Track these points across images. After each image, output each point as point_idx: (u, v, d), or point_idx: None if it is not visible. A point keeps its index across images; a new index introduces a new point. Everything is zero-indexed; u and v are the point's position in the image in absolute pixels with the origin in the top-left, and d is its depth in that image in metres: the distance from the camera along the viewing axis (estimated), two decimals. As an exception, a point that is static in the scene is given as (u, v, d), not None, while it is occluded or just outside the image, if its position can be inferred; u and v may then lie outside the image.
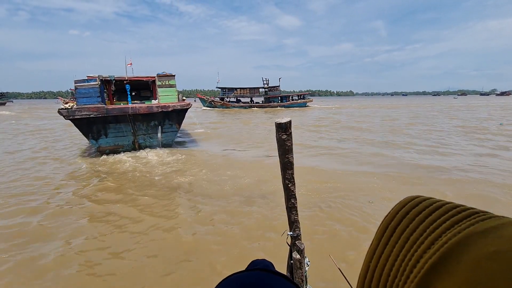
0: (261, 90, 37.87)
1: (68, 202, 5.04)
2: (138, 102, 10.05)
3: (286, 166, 1.44)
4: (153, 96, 10.27)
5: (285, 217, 1.57)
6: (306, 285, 1.61)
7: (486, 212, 0.21)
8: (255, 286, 0.39)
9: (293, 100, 38.93)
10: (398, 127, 14.99)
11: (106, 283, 2.88)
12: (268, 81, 37.70)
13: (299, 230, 1.62)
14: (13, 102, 69.33)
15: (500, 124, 15.36)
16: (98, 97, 8.35)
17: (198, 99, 43.21)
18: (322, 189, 5.38)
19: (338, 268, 1.27)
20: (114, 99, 12.31)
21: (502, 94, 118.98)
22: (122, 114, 8.49)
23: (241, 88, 38.07)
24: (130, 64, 15.32)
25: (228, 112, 31.10)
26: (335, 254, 3.08)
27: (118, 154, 8.92)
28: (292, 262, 1.65)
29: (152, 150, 9.33)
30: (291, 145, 1.39)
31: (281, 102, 37.68)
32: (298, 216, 1.61)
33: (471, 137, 11.28)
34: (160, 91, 9.43)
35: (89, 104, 8.15)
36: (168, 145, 9.86)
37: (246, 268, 0.49)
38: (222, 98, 37.51)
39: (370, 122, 18.26)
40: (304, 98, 40.01)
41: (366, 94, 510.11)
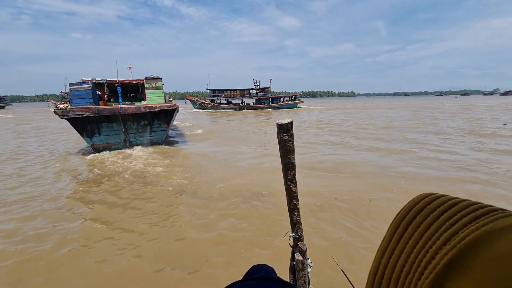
0: (252, 91, 38.08)
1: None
2: (128, 103, 10.61)
3: (288, 167, 1.44)
4: (144, 98, 10.97)
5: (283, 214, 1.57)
6: (309, 286, 1.60)
7: (505, 209, 0.21)
8: None
9: (284, 101, 39.12)
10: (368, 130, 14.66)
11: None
12: (259, 82, 37.97)
13: (301, 232, 1.62)
14: (12, 105, 69.93)
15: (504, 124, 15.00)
16: (90, 98, 8.97)
17: (188, 101, 43.29)
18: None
19: (341, 269, 1.26)
20: (111, 100, 12.73)
21: (506, 93, 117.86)
22: (113, 114, 9.02)
23: (231, 89, 38.37)
24: (130, 67, 15.55)
25: (218, 113, 31.30)
26: (338, 256, 3.06)
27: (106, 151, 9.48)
28: (294, 263, 1.64)
29: (142, 148, 9.87)
30: (293, 146, 1.39)
31: (271, 103, 37.83)
32: (300, 217, 1.61)
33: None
34: (148, 93, 10.09)
35: (81, 105, 8.76)
36: (158, 143, 10.35)
37: (246, 274, 0.47)
38: (212, 100, 37.65)
39: (344, 123, 18.48)
40: (295, 100, 40.21)
41: (368, 95, 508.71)
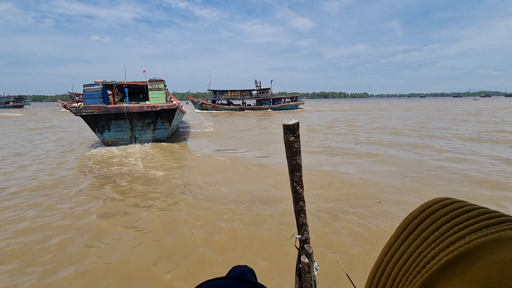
0: (253, 92, 38.09)
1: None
2: (134, 102, 11.54)
3: (294, 168, 1.43)
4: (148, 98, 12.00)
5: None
6: (314, 290, 1.58)
7: None
8: None
9: (285, 102, 38.88)
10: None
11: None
12: (260, 83, 37.99)
13: (308, 234, 1.60)
14: (30, 104, 72.95)
15: None
16: (100, 98, 10.04)
17: (190, 102, 43.75)
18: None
19: (346, 274, 1.24)
20: (123, 100, 13.92)
21: None
22: (120, 112, 9.94)
23: (231, 90, 38.56)
24: (144, 71, 16.37)
25: (218, 114, 31.48)
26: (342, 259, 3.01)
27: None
28: (300, 265, 1.63)
29: (144, 144, 10.79)
30: (299, 147, 1.38)
31: (272, 104, 37.75)
32: (306, 219, 1.59)
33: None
34: (150, 94, 11.10)
35: (92, 104, 9.81)
36: (161, 140, 11.16)
37: (226, 274, 0.50)
38: (213, 101, 37.86)
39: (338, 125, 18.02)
40: (296, 101, 39.85)
41: (382, 96, 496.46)
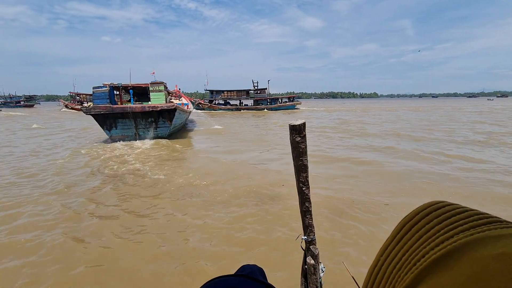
0: (250, 92, 38.23)
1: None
2: (138, 103, 12.66)
3: (300, 169, 1.42)
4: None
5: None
6: (320, 291, 1.57)
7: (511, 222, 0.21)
8: None
9: (282, 102, 38.81)
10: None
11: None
12: (257, 83, 38.09)
13: (314, 235, 1.59)
14: (40, 104, 73.78)
15: None
16: (107, 99, 11.29)
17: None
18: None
19: (352, 276, 1.23)
20: (134, 100, 15.14)
21: None
22: (124, 112, 10.98)
23: (228, 90, 38.86)
24: (153, 73, 17.13)
25: (214, 113, 31.62)
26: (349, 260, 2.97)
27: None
28: (306, 267, 1.62)
29: (147, 140, 11.68)
30: (305, 147, 1.37)
31: (269, 104, 37.77)
32: (312, 220, 1.57)
33: None
34: (152, 95, 12.29)
35: (100, 104, 10.97)
36: (162, 137, 12.09)
37: (235, 272, 0.50)
38: (210, 101, 38.05)
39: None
40: (293, 101, 39.74)
41: (392, 96, 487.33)
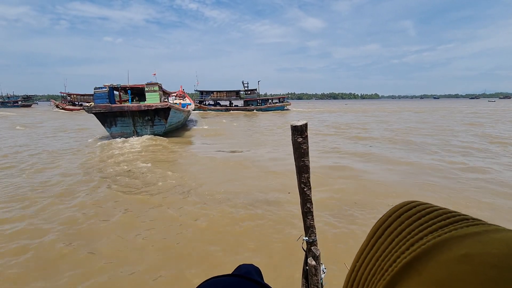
0: (241, 93, 38.56)
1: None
2: (135, 102, 13.58)
3: (302, 169, 1.42)
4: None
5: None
6: (321, 292, 1.56)
7: (479, 220, 0.21)
8: None
9: (272, 103, 39.02)
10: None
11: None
12: (248, 84, 38.31)
13: (315, 236, 1.59)
14: (38, 104, 73.04)
15: None
16: (106, 98, 12.37)
17: None
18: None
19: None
20: (135, 99, 16.16)
21: None
22: (122, 111, 11.73)
23: (217, 91, 39.09)
24: (155, 74, 17.92)
25: (205, 114, 31.74)
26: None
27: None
28: (307, 268, 1.61)
29: (144, 137, 12.40)
30: (307, 148, 1.37)
31: (259, 105, 38.04)
32: (314, 221, 1.57)
33: None
34: (147, 95, 13.23)
35: (100, 103, 11.87)
36: (158, 134, 12.86)
37: (232, 272, 0.50)
38: (200, 101, 38.20)
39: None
40: (283, 102, 39.92)
41: (393, 97, 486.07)
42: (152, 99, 13.06)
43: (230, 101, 39.16)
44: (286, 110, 39.16)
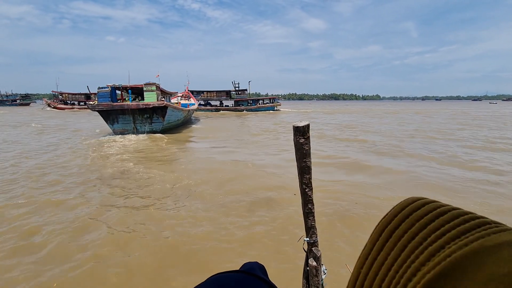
0: (232, 93, 38.63)
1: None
2: (135, 101, 14.74)
3: (304, 170, 1.42)
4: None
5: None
6: (322, 293, 1.56)
7: (499, 223, 0.18)
8: None
9: (264, 103, 38.85)
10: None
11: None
12: (239, 84, 38.37)
13: (316, 237, 1.58)
14: (36, 102, 72.10)
15: None
16: (108, 97, 13.26)
17: None
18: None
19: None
20: (138, 99, 16.82)
21: None
22: (123, 109, 12.81)
23: (207, 91, 39.24)
24: (158, 76, 18.54)
25: (196, 114, 31.68)
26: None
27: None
28: (308, 268, 1.61)
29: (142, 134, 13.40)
30: (309, 149, 1.37)
31: (249, 105, 37.86)
32: (315, 221, 1.57)
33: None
34: (145, 94, 14.07)
35: (103, 102, 12.92)
36: (156, 131, 13.83)
37: (238, 269, 0.50)
38: None
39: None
40: (273, 102, 39.79)
41: (394, 98, 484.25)
42: (150, 98, 13.84)
43: (221, 101, 39.03)
44: (276, 110, 38.63)
